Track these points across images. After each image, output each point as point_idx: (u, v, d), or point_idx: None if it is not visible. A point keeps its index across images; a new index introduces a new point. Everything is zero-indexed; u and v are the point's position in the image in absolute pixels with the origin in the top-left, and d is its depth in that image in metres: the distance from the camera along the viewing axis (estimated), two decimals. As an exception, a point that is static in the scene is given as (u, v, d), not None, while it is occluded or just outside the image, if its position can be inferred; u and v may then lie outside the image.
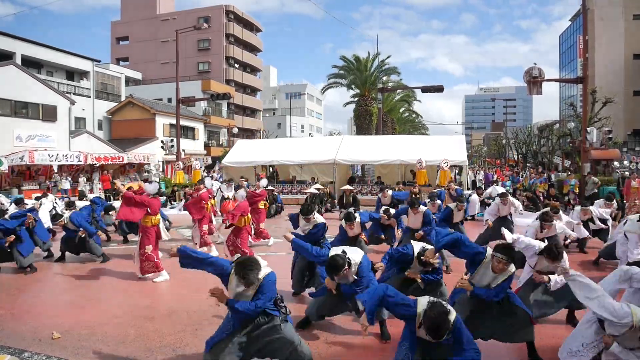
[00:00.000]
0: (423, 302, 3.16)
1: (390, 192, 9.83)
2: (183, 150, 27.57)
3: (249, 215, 8.11)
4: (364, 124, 32.13)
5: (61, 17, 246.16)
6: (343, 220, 6.66)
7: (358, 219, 6.67)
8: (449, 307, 3.09)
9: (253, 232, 8.73)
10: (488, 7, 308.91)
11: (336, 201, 15.60)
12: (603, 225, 8.70)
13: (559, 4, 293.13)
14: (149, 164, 24.94)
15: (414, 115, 52.78)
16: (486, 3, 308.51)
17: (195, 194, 9.20)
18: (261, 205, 9.69)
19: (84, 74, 34.36)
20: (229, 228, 7.80)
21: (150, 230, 6.94)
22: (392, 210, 7.89)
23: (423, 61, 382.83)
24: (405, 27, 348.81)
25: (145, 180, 9.83)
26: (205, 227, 8.92)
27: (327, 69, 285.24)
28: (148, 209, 6.88)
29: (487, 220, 8.57)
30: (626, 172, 20.27)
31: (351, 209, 7.28)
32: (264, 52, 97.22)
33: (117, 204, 9.62)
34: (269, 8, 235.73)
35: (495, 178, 24.03)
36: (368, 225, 7.84)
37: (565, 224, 7.42)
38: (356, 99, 34.28)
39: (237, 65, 51.96)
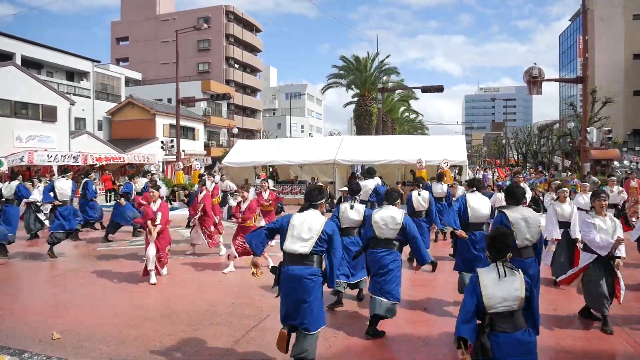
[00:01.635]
0: None
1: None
2: (183, 151, 27.55)
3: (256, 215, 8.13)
4: (364, 124, 32.13)
5: (61, 17, 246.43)
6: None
7: None
8: None
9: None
10: (484, 7, 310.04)
11: (335, 201, 15.58)
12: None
13: (556, 4, 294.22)
14: (151, 164, 24.94)
15: (413, 116, 52.81)
16: (482, 3, 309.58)
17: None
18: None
19: (84, 75, 34.39)
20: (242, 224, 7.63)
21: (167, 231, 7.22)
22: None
23: (422, 61, 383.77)
24: (402, 27, 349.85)
25: (151, 182, 9.93)
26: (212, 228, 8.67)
27: (326, 69, 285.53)
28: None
29: None
30: (627, 171, 20.29)
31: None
32: (264, 53, 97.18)
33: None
34: (265, 8, 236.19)
35: (495, 178, 23.95)
36: None
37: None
38: (356, 99, 34.29)
39: (237, 66, 51.97)
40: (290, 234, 3.73)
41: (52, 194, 8.85)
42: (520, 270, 3.03)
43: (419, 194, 7.54)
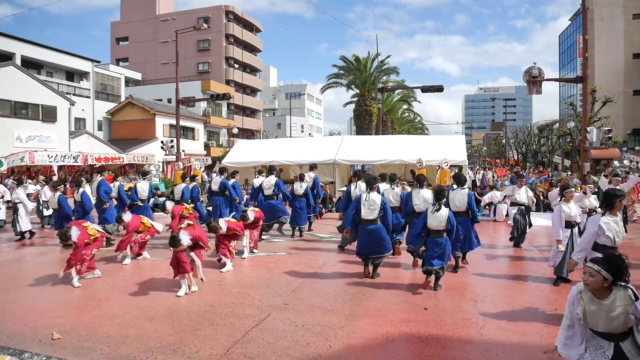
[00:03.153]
0: None
1: None
2: (183, 151, 27.56)
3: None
4: (363, 124, 32.11)
5: (60, 18, 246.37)
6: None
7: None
8: None
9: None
10: (481, 7, 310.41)
11: (335, 200, 15.58)
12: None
13: (551, 4, 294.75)
14: (151, 164, 24.91)
15: (413, 116, 52.78)
16: (478, 3, 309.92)
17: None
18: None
19: (83, 75, 34.38)
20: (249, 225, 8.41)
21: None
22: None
23: (420, 61, 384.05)
24: (398, 27, 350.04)
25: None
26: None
27: (325, 69, 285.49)
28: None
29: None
30: (627, 170, 20.25)
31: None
32: (264, 52, 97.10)
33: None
34: (260, 8, 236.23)
35: (495, 178, 23.95)
36: None
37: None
38: (356, 99, 34.28)
39: (237, 66, 51.97)
40: (363, 207, 6.70)
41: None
42: (448, 208, 6.45)
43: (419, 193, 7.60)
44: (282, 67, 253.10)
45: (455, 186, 7.45)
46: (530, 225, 9.50)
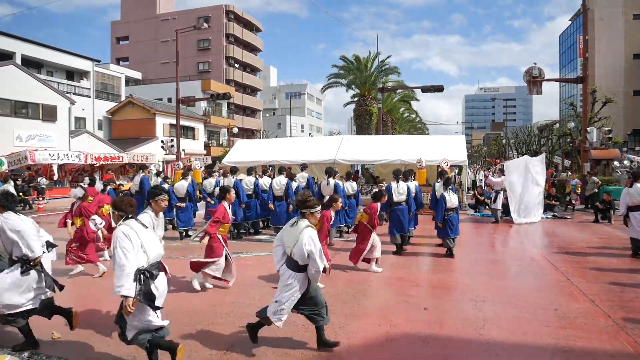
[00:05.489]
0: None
1: None
2: (183, 150, 27.57)
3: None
4: (363, 124, 32.10)
5: (60, 17, 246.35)
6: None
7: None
8: None
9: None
10: (477, 7, 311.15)
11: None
12: None
13: (548, 4, 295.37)
14: (151, 164, 24.90)
15: (413, 115, 52.77)
16: (474, 3, 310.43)
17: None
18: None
19: (84, 74, 34.39)
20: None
21: None
22: None
23: (418, 61, 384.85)
24: (394, 27, 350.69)
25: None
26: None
27: (325, 69, 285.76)
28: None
29: None
30: (627, 170, 20.25)
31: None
32: (264, 52, 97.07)
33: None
34: (254, 7, 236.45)
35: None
36: None
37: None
38: (356, 99, 34.27)
39: (237, 65, 51.97)
40: (394, 193, 8.58)
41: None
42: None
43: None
44: (282, 67, 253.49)
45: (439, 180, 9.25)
46: None
